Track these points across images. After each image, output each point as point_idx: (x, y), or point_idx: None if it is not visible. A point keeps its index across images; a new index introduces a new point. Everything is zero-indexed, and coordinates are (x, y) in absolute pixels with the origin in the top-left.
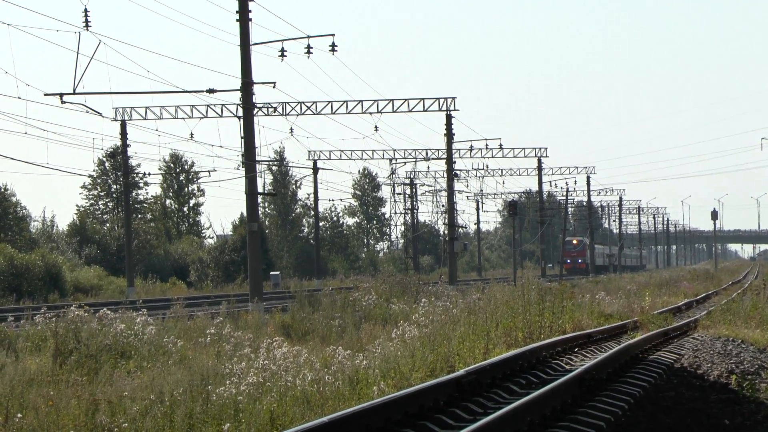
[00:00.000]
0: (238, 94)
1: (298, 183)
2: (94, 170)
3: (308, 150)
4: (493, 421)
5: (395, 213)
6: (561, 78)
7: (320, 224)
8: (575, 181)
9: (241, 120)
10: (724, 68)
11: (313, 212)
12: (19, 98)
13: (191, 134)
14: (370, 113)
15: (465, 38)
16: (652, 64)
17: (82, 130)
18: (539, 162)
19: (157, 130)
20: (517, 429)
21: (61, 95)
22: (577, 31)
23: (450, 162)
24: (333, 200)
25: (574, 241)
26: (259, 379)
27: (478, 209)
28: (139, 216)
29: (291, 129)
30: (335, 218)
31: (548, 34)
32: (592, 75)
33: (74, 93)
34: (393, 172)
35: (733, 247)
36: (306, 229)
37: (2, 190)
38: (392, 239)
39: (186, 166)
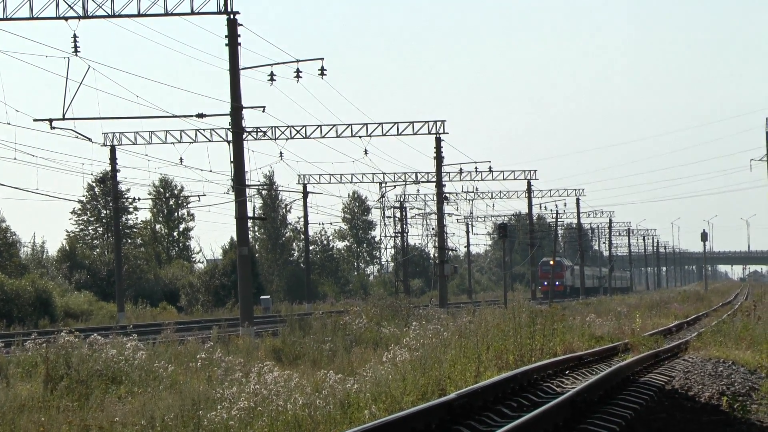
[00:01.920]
0: (228, 118)
1: (288, 207)
2: (83, 195)
3: (298, 174)
4: None
5: (385, 236)
6: (550, 100)
7: (310, 248)
8: (565, 204)
9: (231, 144)
10: (712, 89)
11: (303, 236)
12: (9, 124)
13: (181, 159)
14: (360, 137)
15: (454, 61)
16: (640, 85)
17: (72, 156)
18: (529, 184)
19: (146, 155)
20: None
21: (51, 121)
22: (565, 54)
23: (440, 185)
24: (323, 224)
25: (551, 262)
26: (251, 403)
27: (468, 232)
28: (129, 241)
29: (281, 153)
30: (325, 242)
31: (536, 56)
32: (581, 97)
33: (63, 118)
34: (383, 196)
35: (723, 268)
36: (296, 253)
37: None
38: (382, 262)
39: (175, 191)
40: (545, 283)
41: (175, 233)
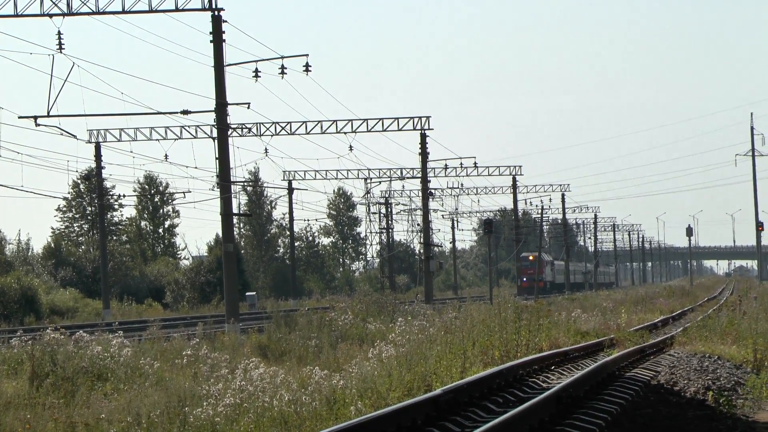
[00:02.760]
0: (213, 115)
1: (273, 203)
2: (68, 192)
3: (283, 170)
4: None
5: (370, 232)
6: (535, 95)
7: (296, 244)
8: (550, 199)
9: (216, 141)
10: (697, 85)
11: (288, 232)
12: None
13: (166, 155)
14: (345, 133)
15: (439, 57)
16: (626, 81)
17: (57, 153)
18: (514, 180)
19: (131, 151)
20: None
21: (36, 118)
22: (550, 50)
23: (425, 181)
24: (308, 220)
25: (530, 257)
26: (237, 400)
27: (453, 228)
28: (114, 238)
29: (266, 149)
30: (311, 238)
31: (522, 51)
32: (566, 92)
33: (48, 115)
34: (368, 192)
35: (708, 263)
36: (281, 250)
37: None
38: (368, 259)
39: (161, 188)
40: (524, 279)
41: (161, 230)
